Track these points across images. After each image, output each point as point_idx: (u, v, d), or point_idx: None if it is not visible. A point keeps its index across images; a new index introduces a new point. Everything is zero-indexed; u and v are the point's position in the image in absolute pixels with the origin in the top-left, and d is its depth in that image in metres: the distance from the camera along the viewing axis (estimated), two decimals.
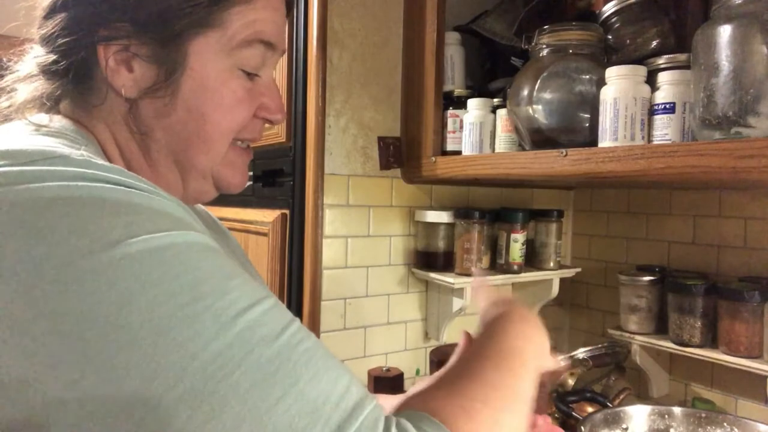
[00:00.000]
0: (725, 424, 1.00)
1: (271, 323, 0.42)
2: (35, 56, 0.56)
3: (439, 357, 1.00)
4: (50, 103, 0.55)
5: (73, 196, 0.40)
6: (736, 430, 0.99)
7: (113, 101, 0.54)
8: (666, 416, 1.04)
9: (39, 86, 0.55)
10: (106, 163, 0.45)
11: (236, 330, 0.39)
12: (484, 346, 0.57)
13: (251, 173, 1.37)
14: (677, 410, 1.05)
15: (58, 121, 0.54)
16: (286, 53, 1.21)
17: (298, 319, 0.45)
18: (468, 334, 0.73)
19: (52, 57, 0.53)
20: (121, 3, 0.51)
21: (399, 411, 0.45)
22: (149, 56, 0.53)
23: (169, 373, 0.37)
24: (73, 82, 0.54)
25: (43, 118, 0.53)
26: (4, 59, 0.58)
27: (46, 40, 0.54)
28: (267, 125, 0.63)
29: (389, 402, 0.73)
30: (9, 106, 0.56)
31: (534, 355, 0.58)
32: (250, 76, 0.58)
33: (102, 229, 0.39)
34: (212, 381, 0.38)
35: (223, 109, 0.56)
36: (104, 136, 0.55)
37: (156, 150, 0.56)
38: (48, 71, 0.54)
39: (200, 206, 0.76)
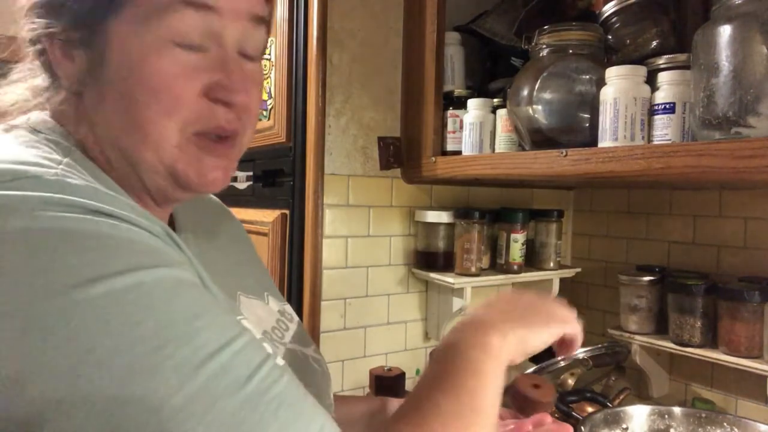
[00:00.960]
0: (725, 424, 1.00)
1: (239, 367, 0.39)
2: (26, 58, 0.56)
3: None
4: (39, 105, 0.55)
5: (40, 227, 0.38)
6: (736, 430, 0.99)
7: (65, 97, 0.52)
8: (666, 416, 1.04)
9: (29, 85, 0.55)
10: (80, 183, 0.42)
11: (199, 381, 0.37)
12: (435, 370, 0.53)
13: (251, 173, 1.37)
14: (677, 410, 1.05)
15: (45, 123, 0.52)
16: (286, 53, 1.22)
17: (271, 356, 0.42)
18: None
19: (30, 54, 0.53)
20: None
21: None
22: (77, 43, 0.50)
23: (129, 430, 0.35)
24: (49, 76, 0.53)
25: (34, 119, 0.52)
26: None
27: (26, 39, 0.53)
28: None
29: (393, 405, 0.73)
30: (3, 107, 0.56)
31: (493, 355, 0.54)
32: (192, 48, 0.49)
33: (65, 267, 0.37)
34: None
35: (153, 89, 0.48)
36: (83, 135, 0.53)
37: (104, 141, 0.51)
38: (31, 68, 0.54)
39: (209, 196, 0.73)
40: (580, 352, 1.20)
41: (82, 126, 0.52)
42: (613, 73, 0.86)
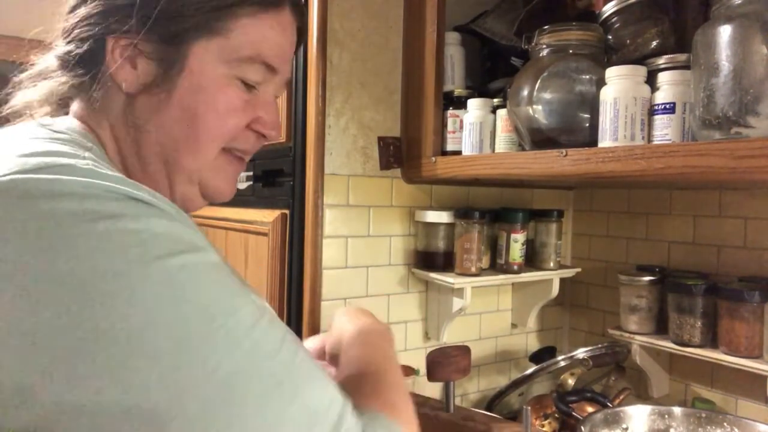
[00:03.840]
0: (725, 424, 1.00)
1: (272, 338, 0.46)
2: (56, 51, 0.57)
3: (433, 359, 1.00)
4: (61, 102, 0.57)
5: (87, 210, 0.41)
6: (736, 430, 0.99)
7: (114, 96, 0.56)
8: (666, 416, 1.04)
9: (52, 83, 0.57)
10: (109, 173, 0.46)
11: (245, 347, 0.43)
12: (364, 356, 0.65)
13: (251, 173, 1.37)
14: (677, 410, 1.05)
15: (64, 122, 0.55)
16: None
17: (288, 329, 0.49)
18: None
19: (70, 47, 0.55)
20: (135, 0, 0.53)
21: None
22: (152, 53, 0.54)
23: (187, 389, 0.40)
24: (85, 74, 0.56)
25: (51, 119, 0.55)
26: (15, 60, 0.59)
27: (66, 32, 0.56)
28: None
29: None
30: (23, 105, 0.58)
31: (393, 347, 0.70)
32: (249, 87, 0.59)
33: (120, 247, 0.41)
34: (227, 394, 0.41)
35: (216, 112, 0.57)
36: (106, 136, 0.57)
37: (146, 147, 0.56)
38: (64, 61, 0.56)
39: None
40: (580, 352, 1.20)
41: (115, 126, 0.56)
42: (613, 73, 0.86)
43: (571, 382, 1.21)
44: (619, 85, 0.84)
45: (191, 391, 0.40)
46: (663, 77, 0.83)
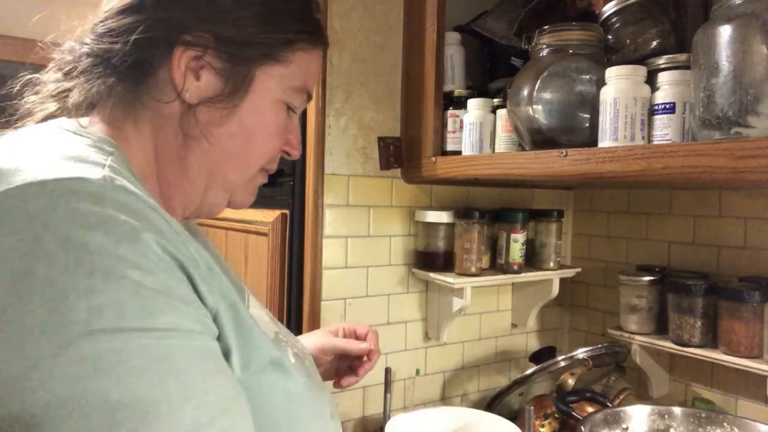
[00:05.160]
0: (725, 424, 1.01)
1: None
2: (89, 47, 0.56)
3: None
4: (94, 103, 0.56)
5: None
6: (736, 430, 0.99)
7: (166, 102, 0.56)
8: (666, 416, 1.04)
9: (93, 80, 0.55)
10: (128, 191, 0.45)
11: None
12: None
13: None
14: (677, 410, 1.05)
15: (88, 126, 0.54)
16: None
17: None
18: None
19: (125, 48, 0.54)
20: (211, 16, 0.55)
21: None
22: (219, 69, 0.56)
23: None
24: (135, 77, 0.55)
25: (74, 122, 0.54)
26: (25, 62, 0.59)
27: (121, 33, 0.54)
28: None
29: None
30: (42, 101, 0.57)
31: None
32: (289, 112, 0.63)
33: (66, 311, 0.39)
34: None
35: (268, 133, 0.61)
36: (141, 137, 0.56)
37: (195, 155, 0.58)
38: (113, 62, 0.54)
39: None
40: (580, 352, 1.20)
41: (161, 131, 0.57)
42: (613, 73, 0.85)
43: (571, 382, 1.21)
44: (619, 85, 0.84)
45: None
46: (663, 77, 0.83)
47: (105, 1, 0.57)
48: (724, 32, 0.70)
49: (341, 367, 0.91)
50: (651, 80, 0.85)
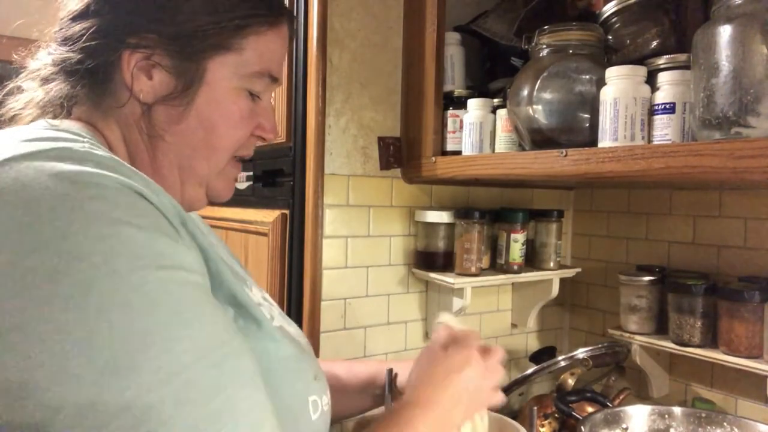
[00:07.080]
0: (725, 424, 1.00)
1: (208, 383, 0.43)
2: (53, 56, 0.57)
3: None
4: (66, 107, 0.57)
5: (68, 196, 0.42)
6: (736, 430, 0.99)
7: (129, 104, 0.57)
8: (666, 416, 1.04)
9: (56, 87, 0.57)
10: (104, 154, 0.47)
11: (174, 386, 0.41)
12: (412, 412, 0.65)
13: (251, 173, 1.37)
14: (677, 410, 1.05)
15: (66, 124, 0.55)
16: (287, 53, 1.21)
17: (249, 369, 0.48)
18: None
19: (77, 56, 0.55)
20: (154, 16, 0.55)
21: None
22: (170, 67, 0.57)
23: (100, 418, 0.38)
24: (92, 82, 0.56)
25: (54, 122, 0.55)
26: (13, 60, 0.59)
27: (73, 41, 0.56)
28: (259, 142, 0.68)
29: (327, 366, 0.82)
30: (22, 107, 0.58)
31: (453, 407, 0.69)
32: (253, 97, 0.63)
33: (86, 251, 0.40)
34: (141, 428, 0.39)
35: (230, 123, 0.61)
36: (114, 136, 0.58)
37: (163, 153, 0.59)
38: (69, 70, 0.56)
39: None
40: (580, 352, 1.20)
41: (127, 133, 0.58)
42: (613, 73, 0.85)
43: (571, 382, 1.21)
44: (619, 85, 0.84)
45: (103, 418, 0.38)
46: (663, 77, 0.83)
47: (61, 8, 0.58)
48: (724, 32, 0.70)
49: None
50: (651, 80, 0.85)
